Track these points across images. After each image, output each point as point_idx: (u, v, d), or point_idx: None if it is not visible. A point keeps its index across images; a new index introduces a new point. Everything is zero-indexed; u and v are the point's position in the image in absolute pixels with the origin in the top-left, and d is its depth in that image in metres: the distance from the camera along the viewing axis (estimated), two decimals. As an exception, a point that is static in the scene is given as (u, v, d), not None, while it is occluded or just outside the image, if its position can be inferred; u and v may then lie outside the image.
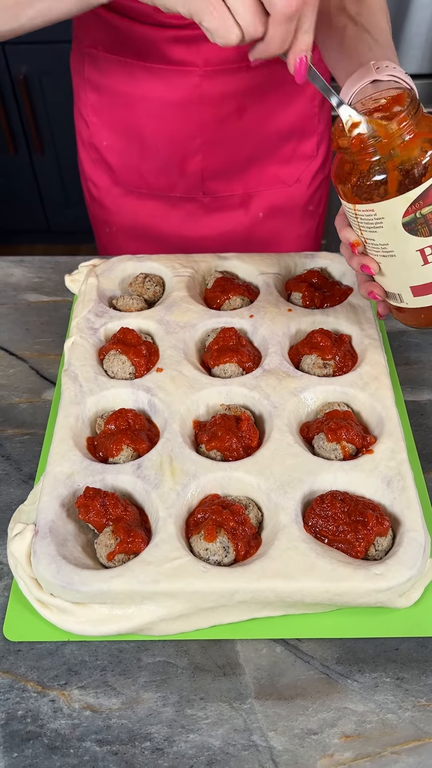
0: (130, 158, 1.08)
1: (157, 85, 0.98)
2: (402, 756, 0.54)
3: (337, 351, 0.78)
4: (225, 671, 0.59)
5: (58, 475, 0.67)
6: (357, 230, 0.63)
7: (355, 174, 0.60)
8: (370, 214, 0.60)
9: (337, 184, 0.62)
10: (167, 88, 0.98)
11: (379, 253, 0.63)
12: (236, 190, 1.09)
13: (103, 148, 1.10)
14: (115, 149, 1.08)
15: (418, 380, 0.82)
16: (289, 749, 0.54)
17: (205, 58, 0.95)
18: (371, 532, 0.61)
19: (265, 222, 1.13)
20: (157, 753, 0.54)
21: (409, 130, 0.57)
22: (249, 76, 0.98)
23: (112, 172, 1.11)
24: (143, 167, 1.08)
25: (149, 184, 1.09)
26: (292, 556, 0.60)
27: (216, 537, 0.61)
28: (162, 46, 0.95)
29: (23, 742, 0.55)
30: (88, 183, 1.16)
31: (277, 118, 1.04)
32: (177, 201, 1.10)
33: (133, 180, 1.10)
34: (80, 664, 0.59)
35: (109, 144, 1.08)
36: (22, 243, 2.69)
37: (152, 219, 1.12)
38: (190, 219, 1.12)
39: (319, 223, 1.21)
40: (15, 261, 0.99)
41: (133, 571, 0.59)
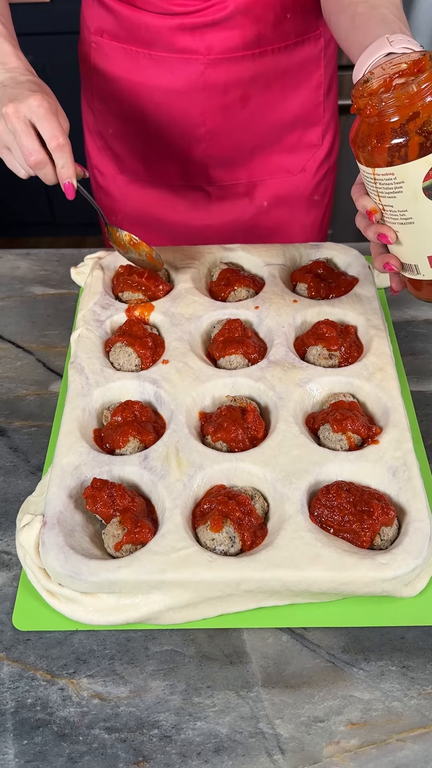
0: (135, 146, 1.08)
1: (162, 73, 0.98)
2: (407, 743, 0.54)
3: (342, 342, 0.78)
4: (232, 660, 0.59)
5: (65, 467, 0.67)
6: (375, 197, 0.62)
7: (375, 137, 0.59)
8: (390, 179, 0.60)
9: (355, 149, 0.62)
10: (172, 76, 0.98)
11: (397, 220, 0.62)
12: (241, 179, 1.09)
13: (109, 135, 1.10)
14: (121, 137, 1.08)
15: (424, 370, 0.82)
16: (295, 736, 0.55)
17: (209, 45, 0.95)
18: (377, 521, 0.61)
19: (270, 212, 1.13)
20: (165, 740, 0.55)
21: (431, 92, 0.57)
22: (253, 65, 0.97)
23: (117, 160, 1.11)
24: (148, 155, 1.07)
25: (154, 172, 1.09)
26: (298, 545, 0.60)
27: (222, 527, 0.62)
28: (166, 35, 0.95)
29: (33, 729, 0.56)
30: (93, 171, 1.16)
31: (282, 106, 1.04)
32: (182, 189, 1.10)
33: (139, 168, 1.10)
34: (88, 653, 0.60)
35: (115, 132, 1.08)
36: (28, 236, 2.69)
37: (157, 207, 1.12)
38: (194, 208, 1.12)
39: (325, 213, 1.21)
40: (21, 254, 1.00)
41: (140, 561, 0.60)
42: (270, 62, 0.98)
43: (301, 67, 1.02)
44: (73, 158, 0.76)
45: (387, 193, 0.61)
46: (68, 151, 0.76)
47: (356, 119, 0.62)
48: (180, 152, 1.05)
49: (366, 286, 0.85)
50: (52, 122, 0.74)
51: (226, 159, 1.06)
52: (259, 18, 0.94)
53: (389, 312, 0.88)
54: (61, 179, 0.77)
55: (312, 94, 1.06)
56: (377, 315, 0.81)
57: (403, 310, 0.89)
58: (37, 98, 0.74)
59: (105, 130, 1.10)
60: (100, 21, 1.00)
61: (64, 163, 0.75)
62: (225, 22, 0.93)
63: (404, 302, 0.90)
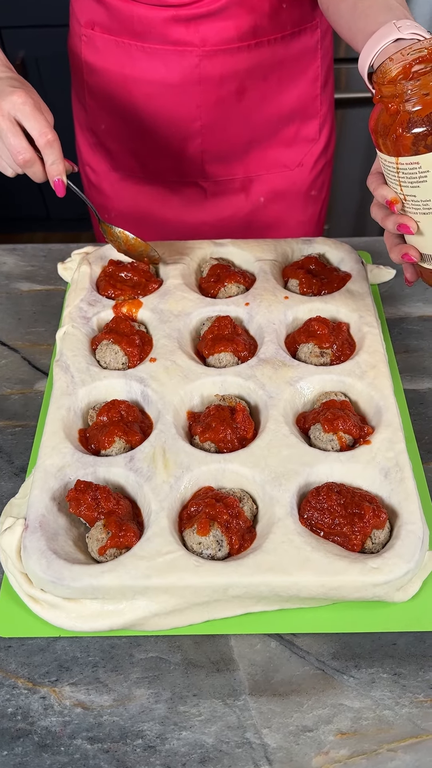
0: (128, 142, 1.06)
1: (156, 66, 0.96)
2: (399, 753, 0.53)
3: (334, 339, 0.76)
4: (219, 667, 0.58)
5: (48, 468, 0.66)
6: (396, 186, 0.61)
7: (400, 125, 0.57)
8: (414, 167, 0.58)
9: (376, 137, 0.60)
10: (166, 69, 0.96)
11: (419, 210, 0.61)
12: (237, 174, 1.07)
13: (101, 131, 1.07)
14: (114, 133, 1.06)
15: (418, 368, 0.80)
16: (283, 746, 0.53)
17: (204, 37, 0.93)
18: (368, 524, 0.60)
19: (266, 207, 1.11)
20: (149, 751, 0.53)
21: None
22: (249, 57, 0.95)
23: (110, 157, 1.09)
24: (142, 151, 1.05)
25: (148, 169, 1.07)
26: (287, 549, 0.59)
27: (209, 530, 0.60)
28: (160, 26, 0.93)
29: (13, 740, 0.54)
30: (85, 168, 1.14)
31: (279, 99, 1.02)
32: (176, 186, 1.08)
33: (132, 164, 1.07)
34: (71, 661, 0.58)
35: (107, 128, 1.06)
36: (21, 231, 2.67)
37: (151, 204, 1.10)
38: (189, 204, 1.10)
39: (322, 208, 1.19)
40: (8, 249, 0.98)
41: (125, 566, 0.58)
42: (266, 53, 0.96)
43: (297, 58, 1.00)
44: (62, 154, 0.74)
45: (410, 183, 0.59)
46: (57, 147, 0.74)
47: (376, 107, 0.60)
48: (175, 147, 1.03)
49: (359, 282, 0.83)
50: (39, 118, 0.73)
51: (222, 154, 1.04)
52: (254, 8, 0.92)
53: (383, 308, 0.86)
54: (51, 176, 0.75)
55: (309, 87, 1.04)
56: (370, 312, 0.79)
57: (397, 307, 0.87)
58: (20, 95, 0.72)
59: (97, 126, 1.07)
60: (91, 13, 0.98)
61: (54, 160, 0.74)
62: (220, 12, 0.91)
63: (398, 299, 0.88)
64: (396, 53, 0.59)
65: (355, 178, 1.94)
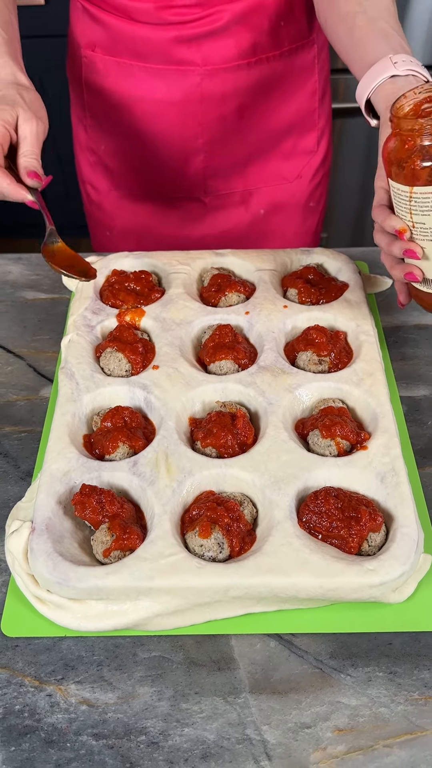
0: (129, 161, 1.07)
1: (158, 86, 0.97)
2: (394, 749, 0.55)
3: (332, 347, 0.78)
4: (220, 666, 0.59)
5: (54, 473, 0.67)
6: (406, 214, 0.64)
7: (416, 157, 0.61)
8: (427, 197, 0.61)
9: (390, 167, 0.63)
10: (168, 89, 0.97)
11: (426, 237, 0.64)
12: (237, 188, 1.09)
13: (102, 151, 1.08)
14: (115, 152, 1.07)
15: (413, 376, 0.82)
16: (282, 743, 0.55)
17: (206, 56, 0.94)
18: (364, 527, 0.62)
19: (265, 219, 1.13)
20: (153, 747, 0.55)
21: None
22: (249, 74, 0.97)
23: (111, 175, 1.10)
24: (143, 169, 1.07)
25: (150, 187, 1.08)
26: (286, 551, 0.61)
27: (211, 533, 0.62)
28: (162, 46, 0.94)
29: (21, 736, 0.56)
30: (86, 186, 1.15)
31: (278, 113, 1.04)
32: (177, 201, 1.10)
33: (133, 182, 1.09)
34: (77, 660, 0.60)
35: (108, 147, 1.07)
36: (22, 238, 2.69)
37: (152, 220, 1.11)
38: (190, 218, 1.11)
39: (320, 219, 1.21)
40: (13, 258, 1.00)
41: (129, 568, 0.60)
42: (266, 70, 0.98)
43: (296, 73, 1.02)
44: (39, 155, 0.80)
45: (421, 211, 0.63)
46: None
47: (389, 138, 0.64)
48: (176, 164, 1.04)
49: (356, 291, 0.85)
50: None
51: (223, 169, 1.06)
52: (254, 26, 0.94)
53: (379, 317, 0.88)
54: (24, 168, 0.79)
55: (307, 100, 1.06)
56: (367, 320, 0.81)
57: (393, 316, 0.89)
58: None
59: (98, 146, 1.09)
60: (92, 35, 0.99)
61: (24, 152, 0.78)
62: (221, 32, 0.93)
63: (394, 308, 0.91)
64: (409, 91, 0.63)
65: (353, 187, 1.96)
